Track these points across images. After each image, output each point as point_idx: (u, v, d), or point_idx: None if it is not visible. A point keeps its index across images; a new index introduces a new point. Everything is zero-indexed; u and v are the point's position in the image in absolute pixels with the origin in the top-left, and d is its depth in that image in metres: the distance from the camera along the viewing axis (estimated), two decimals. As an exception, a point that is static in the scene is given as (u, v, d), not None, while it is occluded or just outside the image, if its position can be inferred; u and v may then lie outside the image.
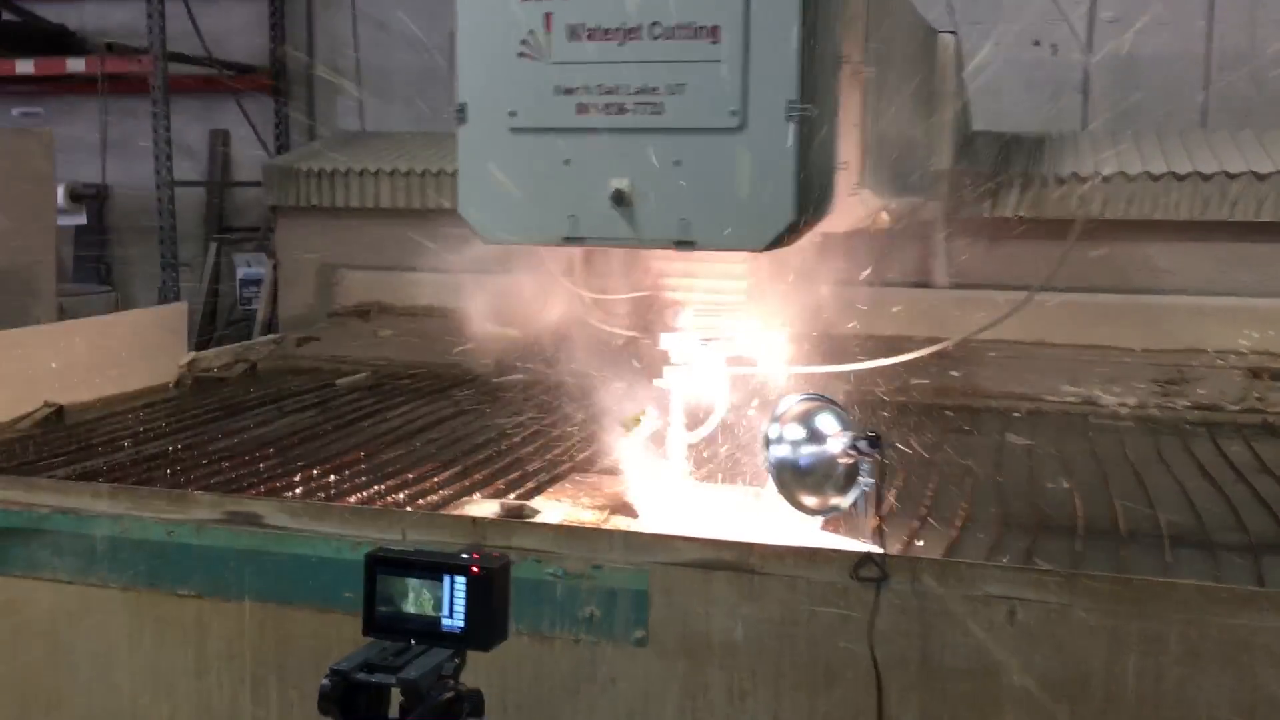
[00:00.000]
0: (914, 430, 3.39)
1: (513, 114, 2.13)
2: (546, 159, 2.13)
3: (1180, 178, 3.84)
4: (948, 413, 3.65)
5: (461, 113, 2.18)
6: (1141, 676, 1.96)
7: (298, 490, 2.68)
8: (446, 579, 1.42)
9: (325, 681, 1.35)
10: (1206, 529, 2.52)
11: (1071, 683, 1.98)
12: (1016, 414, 3.65)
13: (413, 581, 1.43)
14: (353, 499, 2.61)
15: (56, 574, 2.37)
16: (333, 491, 2.67)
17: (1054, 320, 3.91)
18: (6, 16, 6.77)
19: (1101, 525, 2.55)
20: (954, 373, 3.80)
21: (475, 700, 1.45)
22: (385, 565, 1.44)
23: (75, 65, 6.16)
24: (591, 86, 2.08)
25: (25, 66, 6.18)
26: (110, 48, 6.25)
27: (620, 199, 2.07)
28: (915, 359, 3.09)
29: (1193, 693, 1.94)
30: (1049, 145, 4.32)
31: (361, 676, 1.36)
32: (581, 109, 2.09)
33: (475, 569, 1.41)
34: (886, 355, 3.41)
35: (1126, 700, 1.97)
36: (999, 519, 2.56)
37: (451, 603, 1.42)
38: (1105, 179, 3.89)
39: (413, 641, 1.42)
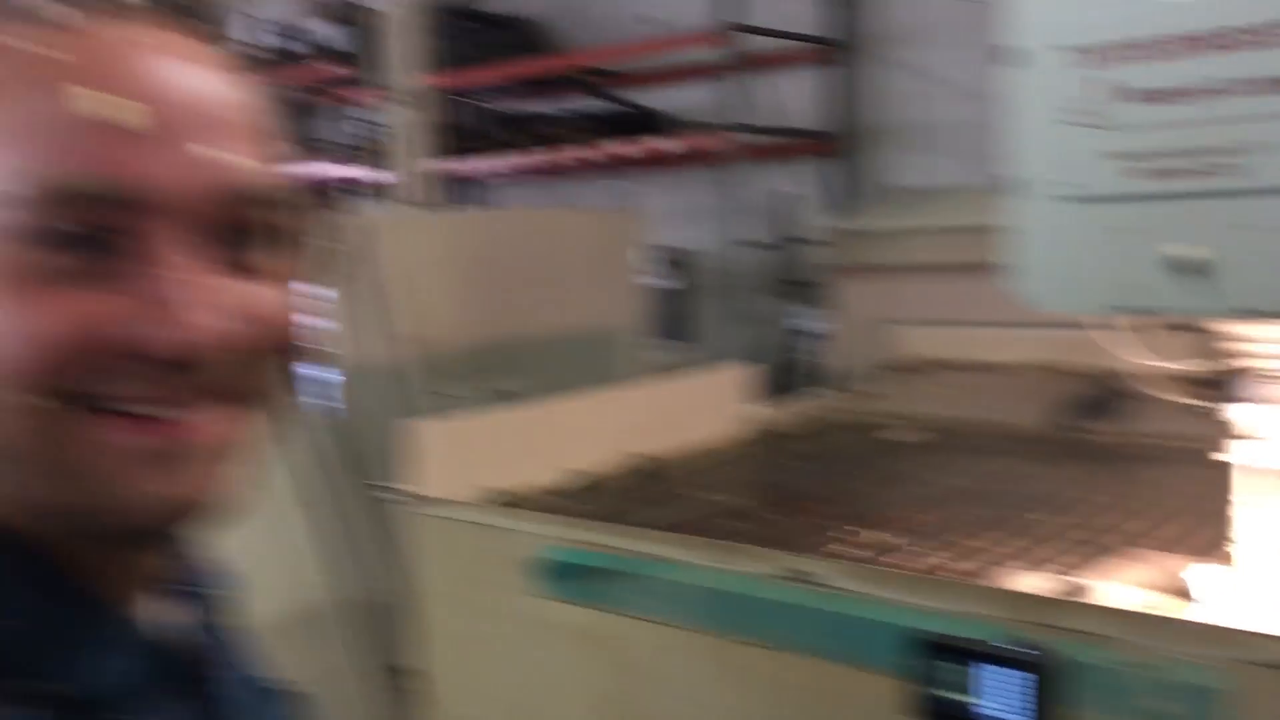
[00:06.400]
0: None
1: (1068, 183, 2.09)
2: (1104, 227, 2.05)
3: None
4: None
5: (1011, 182, 2.17)
6: None
7: (854, 551, 2.78)
8: (1010, 672, 1.41)
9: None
10: None
11: None
12: None
13: (971, 672, 1.44)
14: (903, 563, 2.66)
15: (646, 614, 2.65)
16: (885, 553, 2.74)
17: None
18: (605, 106, 7.73)
19: None
20: None
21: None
22: (942, 651, 1.47)
23: (662, 144, 6.88)
24: (1160, 151, 1.98)
25: (620, 148, 7.02)
26: (687, 126, 6.91)
27: (1192, 267, 1.95)
28: None
29: None
30: None
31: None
32: (1147, 174, 1.99)
33: (1046, 664, 1.38)
34: None
35: None
36: None
37: (1009, 699, 1.41)
38: None
39: (966, 735, 1.43)
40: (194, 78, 0.78)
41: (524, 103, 9.23)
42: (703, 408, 4.13)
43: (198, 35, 0.80)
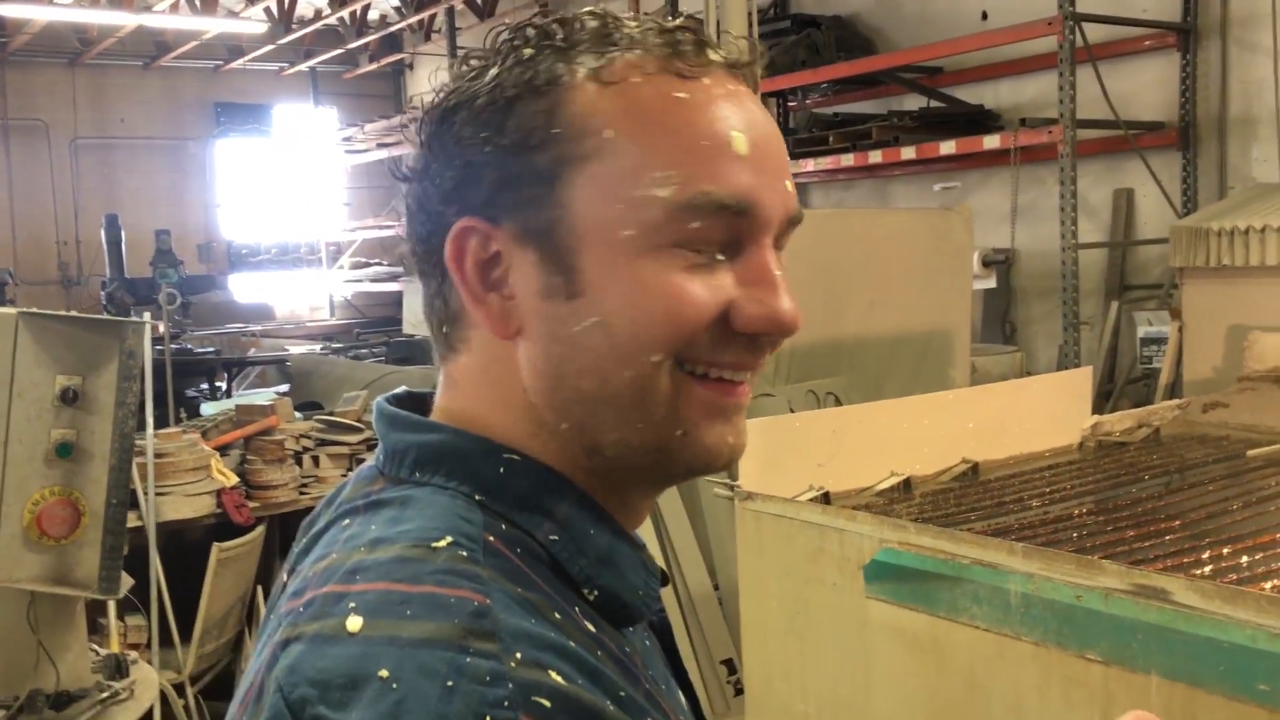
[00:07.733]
0: None
1: None
2: None
3: None
4: None
5: None
6: None
7: (1206, 569, 2.63)
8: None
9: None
10: None
11: None
12: None
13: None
14: (1268, 585, 2.50)
15: (974, 621, 2.63)
16: (1244, 575, 2.58)
17: None
18: (933, 103, 7.58)
19: None
20: None
21: None
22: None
23: (990, 141, 6.68)
24: None
25: (948, 147, 6.87)
26: (1023, 122, 6.67)
27: None
28: None
29: None
30: None
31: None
32: None
33: None
34: None
35: None
36: None
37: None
38: None
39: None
40: (768, 120, 0.98)
41: (846, 103, 9.20)
42: (1035, 414, 4.00)
43: (749, 84, 0.99)
